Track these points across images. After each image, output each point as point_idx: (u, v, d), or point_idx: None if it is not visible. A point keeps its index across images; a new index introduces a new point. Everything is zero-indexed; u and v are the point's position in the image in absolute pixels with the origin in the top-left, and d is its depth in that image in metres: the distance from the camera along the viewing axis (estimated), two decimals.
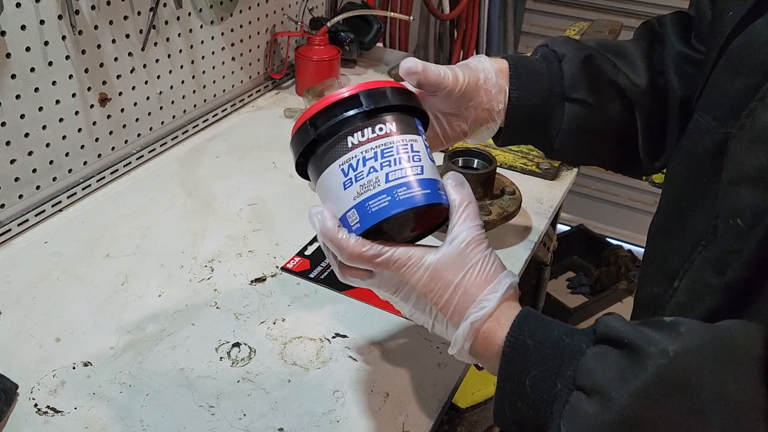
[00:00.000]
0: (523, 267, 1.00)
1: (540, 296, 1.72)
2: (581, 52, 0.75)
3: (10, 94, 0.94)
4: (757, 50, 0.55)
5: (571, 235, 2.42)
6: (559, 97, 0.74)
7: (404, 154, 0.58)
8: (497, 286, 0.58)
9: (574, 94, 0.74)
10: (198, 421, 0.73)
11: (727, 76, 0.59)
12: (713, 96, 0.61)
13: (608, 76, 0.75)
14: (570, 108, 0.74)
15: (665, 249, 0.66)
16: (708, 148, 0.60)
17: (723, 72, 0.60)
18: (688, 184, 0.63)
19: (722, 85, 0.59)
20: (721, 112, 0.59)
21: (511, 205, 1.04)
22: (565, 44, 0.76)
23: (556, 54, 0.75)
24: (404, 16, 1.46)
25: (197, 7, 1.22)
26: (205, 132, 1.32)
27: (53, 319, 0.85)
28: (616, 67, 0.75)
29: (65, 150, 1.05)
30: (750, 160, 0.53)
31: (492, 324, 0.57)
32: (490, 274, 0.58)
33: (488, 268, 0.58)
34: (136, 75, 1.14)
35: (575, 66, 0.74)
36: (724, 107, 0.58)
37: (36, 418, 0.72)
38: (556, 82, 0.74)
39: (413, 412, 0.76)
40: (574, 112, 0.74)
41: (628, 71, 0.75)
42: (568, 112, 0.74)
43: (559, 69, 0.74)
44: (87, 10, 1.01)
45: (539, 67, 0.75)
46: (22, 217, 1.00)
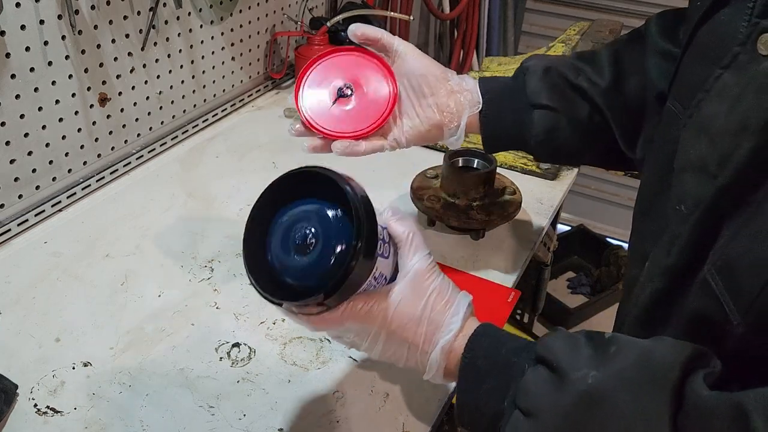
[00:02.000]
0: (523, 267, 1.00)
1: (540, 296, 1.72)
2: (544, 63, 0.81)
3: (9, 93, 0.94)
4: (717, 40, 0.56)
5: (571, 235, 2.42)
6: (526, 106, 0.80)
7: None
8: (458, 308, 0.60)
9: (537, 101, 0.79)
10: (198, 421, 0.73)
11: (693, 65, 0.60)
12: (681, 83, 0.63)
13: (569, 80, 0.80)
14: (538, 114, 0.80)
15: (642, 232, 0.68)
16: (676, 134, 0.61)
17: (690, 60, 0.61)
18: (660, 169, 0.65)
19: (688, 73, 0.61)
20: (684, 99, 0.60)
21: (511, 205, 1.03)
22: (534, 59, 0.83)
23: (521, 68, 0.82)
24: (404, 15, 1.46)
25: (197, 6, 1.22)
26: (204, 132, 1.32)
27: (53, 319, 0.85)
28: (578, 71, 0.80)
29: (65, 150, 1.05)
30: (694, 149, 0.55)
31: (459, 342, 0.60)
32: (448, 299, 0.61)
33: (445, 293, 0.61)
34: (136, 75, 1.14)
35: (537, 76, 0.80)
36: (687, 95, 0.59)
37: (36, 418, 0.72)
38: (520, 92, 0.80)
39: (413, 412, 0.76)
40: (542, 117, 0.80)
41: (591, 74, 0.80)
42: (537, 118, 0.80)
43: (523, 81, 0.81)
44: (87, 9, 1.01)
45: (507, 81, 0.83)
46: (21, 217, 1.00)
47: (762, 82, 0.49)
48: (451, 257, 1.00)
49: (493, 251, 1.02)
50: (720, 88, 0.54)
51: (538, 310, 1.78)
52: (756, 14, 0.51)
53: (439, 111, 0.79)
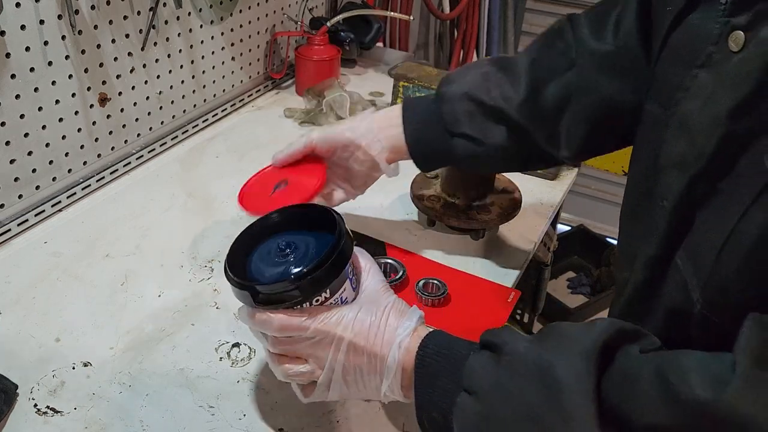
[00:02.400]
0: (523, 267, 1.00)
1: (540, 296, 1.72)
2: (461, 88, 0.85)
3: (9, 93, 0.94)
4: (690, 42, 0.59)
5: (572, 235, 2.42)
6: (445, 134, 0.85)
7: None
8: (411, 316, 0.65)
9: (455, 130, 0.84)
10: (198, 421, 0.73)
11: (669, 67, 0.63)
12: (659, 85, 0.65)
13: (484, 104, 0.83)
14: (457, 141, 0.85)
15: (630, 234, 0.70)
16: (658, 135, 0.63)
17: (665, 63, 0.64)
18: (645, 170, 0.67)
19: (665, 75, 0.64)
20: (665, 99, 0.62)
21: (511, 205, 1.04)
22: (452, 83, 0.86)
23: (439, 94, 0.86)
24: (404, 15, 1.46)
25: (197, 6, 1.22)
26: (204, 132, 1.32)
27: (53, 319, 0.85)
28: (492, 88, 0.83)
29: (65, 150, 1.05)
30: (675, 146, 0.58)
31: (414, 342, 0.63)
32: (403, 311, 0.65)
33: (399, 306, 0.66)
34: (136, 75, 1.14)
35: (452, 104, 0.85)
36: (666, 97, 0.62)
37: (36, 418, 0.72)
38: (440, 121, 0.85)
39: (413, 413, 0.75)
40: (462, 144, 0.85)
41: (507, 87, 0.83)
42: (457, 145, 0.85)
43: (439, 109, 0.85)
44: (87, 9, 1.01)
45: (429, 109, 0.87)
46: (21, 217, 1.00)
47: (732, 75, 0.52)
48: (451, 257, 1.00)
49: (493, 251, 1.02)
50: (697, 86, 0.56)
51: (538, 310, 1.78)
52: (727, 14, 0.54)
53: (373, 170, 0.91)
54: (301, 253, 0.66)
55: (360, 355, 0.63)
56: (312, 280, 0.62)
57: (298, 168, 0.93)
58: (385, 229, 1.04)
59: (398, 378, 0.62)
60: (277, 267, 0.65)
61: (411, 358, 0.62)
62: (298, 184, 0.92)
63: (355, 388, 0.65)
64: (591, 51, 0.78)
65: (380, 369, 0.63)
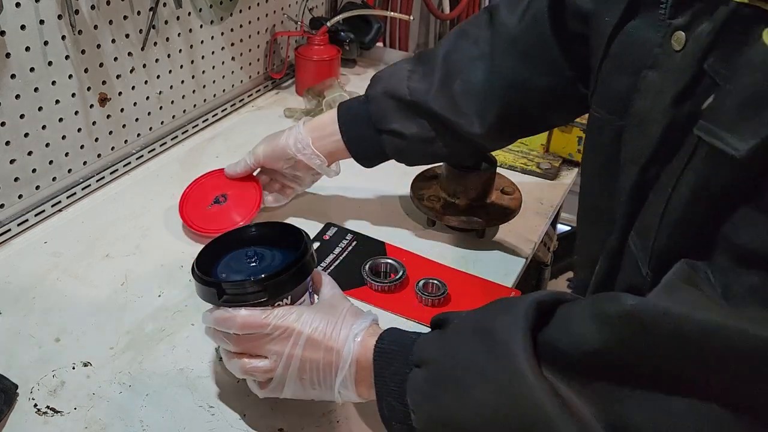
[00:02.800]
0: (523, 267, 1.00)
1: None
2: (382, 86, 0.92)
3: (9, 93, 0.94)
4: (633, 50, 0.63)
5: (571, 235, 2.41)
6: (374, 132, 0.93)
7: None
8: (367, 316, 0.69)
9: (381, 126, 0.92)
10: (198, 421, 0.73)
11: (613, 74, 0.67)
12: (603, 92, 0.69)
13: (402, 100, 0.90)
14: (385, 138, 0.93)
15: (588, 238, 0.75)
16: (608, 139, 0.68)
17: (608, 71, 0.68)
18: (597, 174, 0.72)
19: (609, 83, 0.68)
20: (612, 106, 0.67)
21: (511, 205, 1.04)
22: (378, 83, 0.93)
23: (366, 96, 0.94)
24: (404, 15, 1.46)
25: (197, 6, 1.22)
26: (204, 132, 1.32)
27: (53, 319, 0.85)
28: (409, 83, 0.90)
29: (65, 150, 1.05)
30: (632, 144, 0.62)
31: (370, 341, 0.65)
32: (358, 312, 0.70)
33: (355, 309, 0.70)
34: (136, 75, 1.14)
35: (377, 102, 0.92)
36: (614, 102, 0.66)
37: (36, 418, 0.72)
38: (368, 121, 0.93)
39: None
40: (389, 141, 0.93)
41: (421, 79, 0.89)
42: (386, 142, 0.93)
43: (367, 108, 0.93)
44: (87, 9, 1.01)
45: (360, 109, 0.94)
46: (21, 217, 1.00)
47: (675, 70, 0.56)
48: (451, 257, 1.00)
49: (493, 251, 1.02)
50: (646, 85, 0.60)
51: None
52: (668, 17, 0.58)
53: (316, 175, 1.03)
54: (266, 263, 0.72)
55: (317, 349, 0.66)
56: (276, 283, 0.67)
57: (235, 183, 1.03)
58: (385, 229, 1.04)
59: (352, 371, 0.65)
60: (242, 273, 0.71)
61: (366, 353, 0.65)
62: (238, 203, 1.02)
63: (309, 385, 0.67)
64: (503, 33, 0.84)
65: (336, 362, 0.65)
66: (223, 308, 0.68)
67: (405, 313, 0.89)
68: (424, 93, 0.88)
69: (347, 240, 1.01)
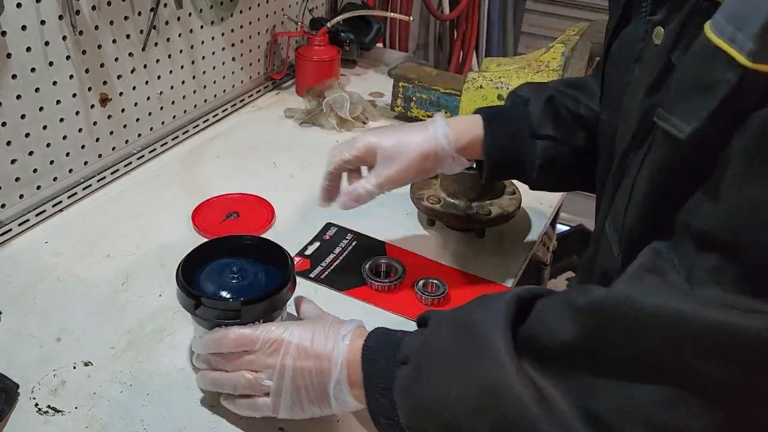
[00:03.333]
0: (522, 267, 1.01)
1: None
2: (544, 93, 0.86)
3: (10, 94, 0.94)
4: (626, 47, 0.66)
5: (571, 235, 2.42)
6: (529, 137, 0.85)
7: None
8: (351, 321, 0.70)
9: (541, 132, 0.85)
10: (198, 420, 0.73)
11: (612, 74, 0.70)
12: (607, 93, 0.72)
13: (570, 110, 0.86)
14: (541, 144, 0.85)
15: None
16: (607, 140, 0.70)
17: (608, 72, 0.71)
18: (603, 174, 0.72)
19: (609, 83, 0.71)
20: (612, 104, 0.69)
21: (511, 205, 1.04)
22: (528, 88, 0.89)
23: (521, 98, 0.88)
24: (404, 16, 1.46)
25: (197, 7, 1.22)
26: (205, 132, 1.32)
27: (54, 318, 0.85)
28: (578, 101, 0.86)
29: (66, 150, 1.05)
30: (619, 138, 0.65)
31: (357, 343, 0.66)
32: (343, 321, 0.70)
33: (340, 319, 0.71)
34: (137, 75, 1.14)
35: (539, 106, 0.86)
36: (612, 101, 0.68)
37: (37, 418, 0.72)
38: (525, 124, 0.86)
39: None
40: (545, 147, 0.85)
41: (588, 102, 0.86)
42: (540, 148, 0.85)
43: (525, 111, 0.86)
44: (87, 10, 1.01)
45: (508, 112, 0.88)
46: (22, 217, 1.00)
47: (650, 62, 0.59)
48: (451, 257, 1.00)
49: (493, 251, 1.02)
50: (633, 80, 0.63)
51: None
52: (648, 14, 0.61)
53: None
54: (248, 280, 0.75)
55: (307, 357, 0.67)
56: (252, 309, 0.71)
57: (247, 202, 1.07)
58: (385, 229, 1.05)
59: (344, 374, 0.65)
60: (221, 285, 0.74)
61: (356, 354, 0.65)
62: (250, 220, 1.04)
63: (306, 397, 0.67)
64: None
65: (327, 367, 0.66)
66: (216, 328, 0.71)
67: (405, 312, 0.89)
68: (593, 111, 0.84)
69: (347, 240, 1.02)
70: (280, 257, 0.77)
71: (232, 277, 0.75)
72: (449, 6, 1.98)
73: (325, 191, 0.88)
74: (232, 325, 0.70)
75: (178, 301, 0.74)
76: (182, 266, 0.75)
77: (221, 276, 0.76)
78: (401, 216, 1.09)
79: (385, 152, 0.83)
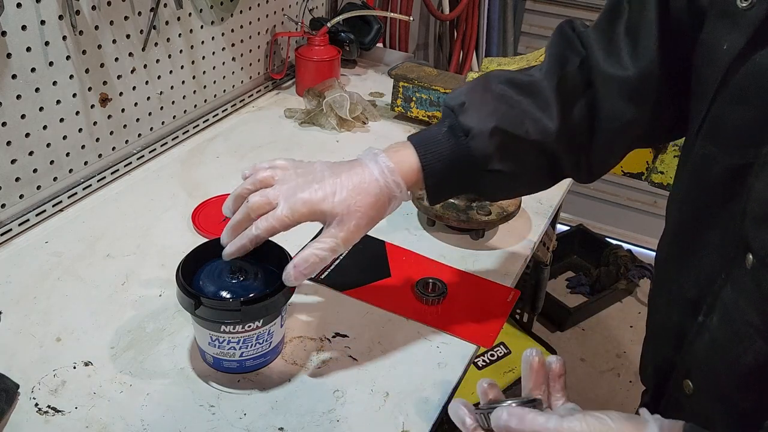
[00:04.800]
0: (522, 267, 1.01)
1: (539, 296, 1.72)
2: (487, 123, 0.73)
3: (10, 94, 0.94)
4: (763, 82, 0.55)
5: (571, 235, 2.42)
6: (474, 171, 0.74)
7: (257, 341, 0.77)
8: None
9: (487, 167, 0.74)
10: (198, 420, 0.73)
11: (732, 107, 0.59)
12: (717, 126, 0.62)
13: (519, 137, 0.74)
14: (488, 176, 0.75)
15: (678, 277, 0.67)
16: (717, 178, 0.61)
17: (727, 103, 0.60)
18: (699, 213, 0.64)
19: (727, 116, 0.60)
20: (727, 141, 0.60)
21: (511, 205, 1.04)
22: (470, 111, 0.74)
23: (462, 128, 0.74)
24: (404, 16, 1.46)
25: (197, 7, 1.22)
26: (205, 132, 1.32)
27: (54, 318, 0.86)
28: (523, 119, 0.74)
29: (66, 150, 1.05)
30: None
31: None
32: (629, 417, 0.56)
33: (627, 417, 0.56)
34: (137, 75, 1.14)
35: (483, 140, 0.73)
36: (732, 137, 0.59)
37: (37, 418, 0.73)
38: (467, 158, 0.74)
39: (413, 412, 0.76)
40: (495, 179, 0.75)
41: (538, 114, 0.74)
42: (488, 181, 0.75)
43: (467, 146, 0.73)
44: (87, 10, 1.01)
45: (447, 145, 0.74)
46: (22, 217, 1.00)
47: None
48: (451, 257, 1.00)
49: (492, 251, 1.02)
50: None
51: (537, 310, 1.78)
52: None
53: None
54: (248, 281, 0.76)
55: None
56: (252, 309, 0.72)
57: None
58: (385, 229, 1.05)
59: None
60: (221, 285, 0.75)
61: None
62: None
63: None
64: (609, 76, 0.73)
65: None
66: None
67: (405, 312, 0.89)
68: (546, 133, 0.74)
69: None
70: (280, 257, 0.77)
71: (231, 277, 0.75)
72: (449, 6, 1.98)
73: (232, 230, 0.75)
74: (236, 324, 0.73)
75: (178, 301, 0.74)
76: (182, 266, 0.75)
77: (221, 276, 0.76)
78: (401, 216, 1.09)
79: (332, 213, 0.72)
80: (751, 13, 0.56)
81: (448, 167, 0.74)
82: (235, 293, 0.74)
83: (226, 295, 0.74)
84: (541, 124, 0.73)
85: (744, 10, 0.57)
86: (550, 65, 0.76)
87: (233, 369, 0.78)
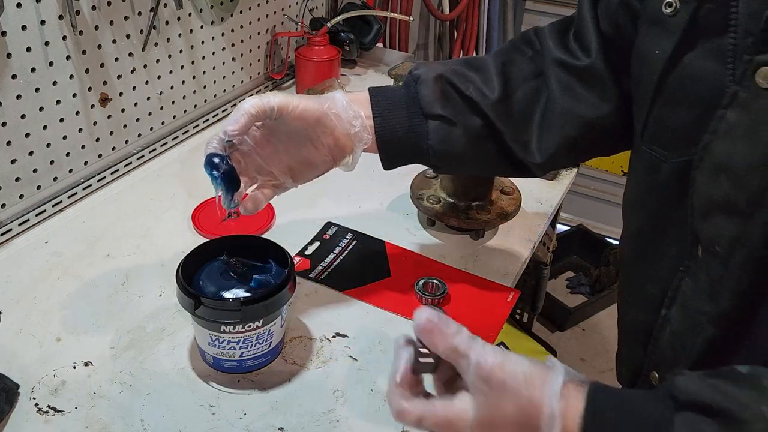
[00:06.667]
0: (522, 267, 1.01)
1: (539, 296, 1.72)
2: (434, 71, 0.79)
3: (10, 94, 0.94)
4: (694, 83, 0.59)
5: (571, 235, 2.42)
6: (420, 116, 0.78)
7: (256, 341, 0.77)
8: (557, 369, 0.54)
9: (431, 111, 0.78)
10: (198, 420, 0.73)
11: (669, 109, 0.62)
12: (658, 128, 0.65)
13: (460, 90, 0.78)
14: (432, 124, 0.78)
15: (641, 276, 0.70)
16: (666, 177, 0.64)
17: (664, 106, 0.63)
18: (654, 212, 0.67)
19: (665, 118, 0.63)
20: (670, 142, 0.63)
21: (511, 205, 1.04)
22: (423, 67, 0.81)
23: (412, 77, 0.80)
24: (404, 16, 1.46)
25: (198, 7, 1.22)
26: (205, 132, 1.32)
27: (54, 318, 0.86)
28: (467, 81, 0.79)
29: (66, 150, 1.05)
30: (716, 190, 0.57)
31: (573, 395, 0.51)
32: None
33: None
34: (137, 75, 1.14)
35: (428, 85, 0.78)
36: (672, 138, 0.62)
37: (37, 418, 0.73)
38: (414, 102, 0.78)
39: None
40: (437, 127, 0.78)
41: (480, 84, 0.79)
42: (432, 129, 0.78)
43: (415, 90, 0.79)
44: (87, 10, 1.01)
45: (398, 93, 0.80)
46: (22, 217, 1.00)
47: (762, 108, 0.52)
48: (450, 257, 1.00)
49: (492, 251, 1.02)
50: (727, 127, 0.55)
51: (537, 310, 1.78)
52: (749, 53, 0.53)
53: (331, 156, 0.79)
54: (248, 281, 0.76)
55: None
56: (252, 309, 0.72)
57: None
58: (385, 229, 1.05)
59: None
60: (221, 285, 0.76)
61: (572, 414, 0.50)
62: (248, 222, 1.01)
63: None
64: (559, 62, 0.77)
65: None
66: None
67: (405, 313, 0.89)
68: (484, 98, 0.78)
69: (347, 239, 1.02)
70: (280, 257, 0.78)
71: (232, 277, 0.75)
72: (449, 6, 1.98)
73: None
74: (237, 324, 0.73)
75: (178, 301, 0.74)
76: (182, 266, 0.75)
77: (221, 276, 0.76)
78: (401, 216, 1.09)
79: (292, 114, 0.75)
80: (675, 19, 0.60)
81: (395, 106, 0.79)
82: (235, 293, 0.74)
83: (226, 295, 0.74)
84: (481, 91, 0.78)
85: (669, 16, 0.60)
86: (501, 49, 0.83)
87: (233, 369, 0.78)
